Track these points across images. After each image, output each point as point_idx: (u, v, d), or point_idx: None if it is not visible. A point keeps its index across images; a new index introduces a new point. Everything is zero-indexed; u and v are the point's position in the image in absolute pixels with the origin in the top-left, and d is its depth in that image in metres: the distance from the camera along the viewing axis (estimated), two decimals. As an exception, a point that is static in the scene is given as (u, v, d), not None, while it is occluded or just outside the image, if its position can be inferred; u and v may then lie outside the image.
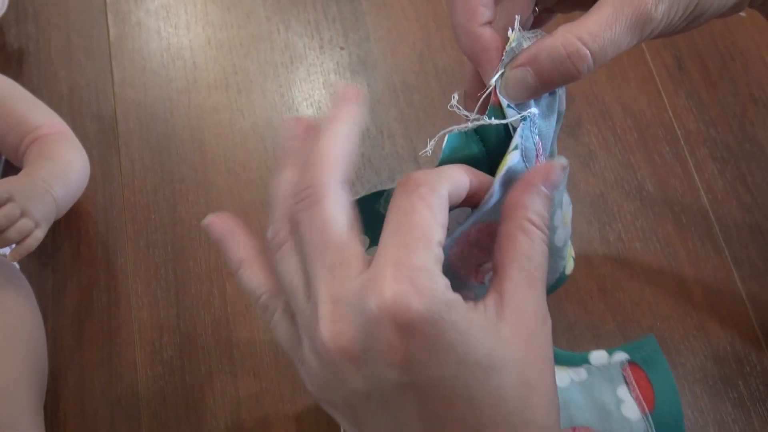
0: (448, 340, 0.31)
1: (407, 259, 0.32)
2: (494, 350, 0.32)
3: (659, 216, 0.67)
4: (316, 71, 0.72)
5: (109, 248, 0.64)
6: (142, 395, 0.59)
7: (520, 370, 0.33)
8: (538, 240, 0.34)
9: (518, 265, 0.34)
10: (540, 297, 0.34)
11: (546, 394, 0.33)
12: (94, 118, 0.69)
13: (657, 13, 0.36)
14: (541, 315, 0.34)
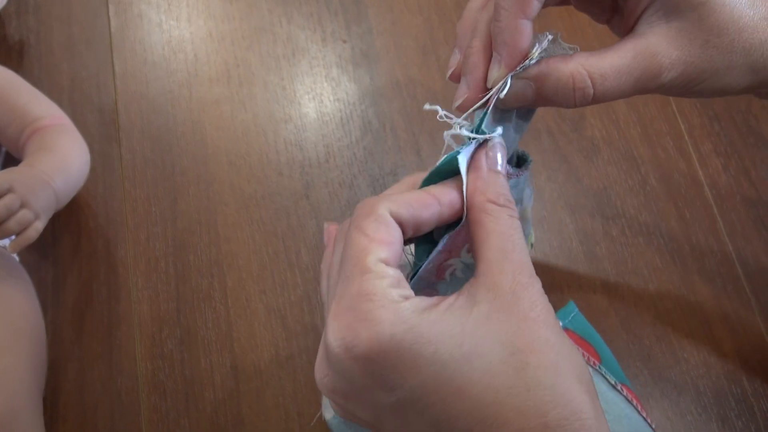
0: (409, 349, 0.32)
1: (347, 290, 0.34)
2: (466, 336, 0.33)
3: (663, 211, 0.66)
4: (318, 64, 0.72)
5: (109, 241, 0.64)
6: (142, 389, 0.59)
7: (505, 342, 0.33)
8: (502, 216, 0.36)
9: (487, 244, 0.35)
10: (518, 264, 0.34)
11: (546, 351, 0.33)
12: (95, 110, 0.69)
13: (664, 79, 0.39)
14: (523, 279, 0.34)
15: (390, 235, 0.35)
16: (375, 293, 0.33)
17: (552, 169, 0.67)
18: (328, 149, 0.68)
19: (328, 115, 0.69)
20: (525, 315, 0.33)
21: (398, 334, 0.32)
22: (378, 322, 0.32)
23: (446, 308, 0.34)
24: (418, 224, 0.37)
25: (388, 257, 0.35)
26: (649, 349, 0.61)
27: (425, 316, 0.33)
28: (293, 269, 0.63)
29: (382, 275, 0.34)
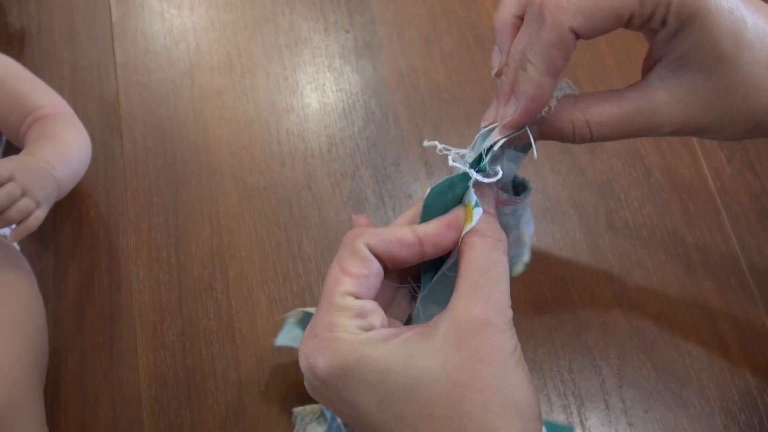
0: (357, 377, 0.36)
1: (317, 317, 0.38)
2: (412, 368, 0.36)
3: (667, 203, 0.66)
4: (320, 54, 0.71)
5: (110, 231, 0.63)
6: (143, 379, 0.59)
7: (449, 376, 0.35)
8: (484, 248, 0.38)
9: (463, 278, 0.38)
10: (485, 299, 0.37)
11: (483, 390, 0.35)
12: (96, 99, 0.68)
13: (662, 132, 0.41)
14: (483, 317, 0.36)
15: (364, 269, 0.39)
16: (335, 325, 0.37)
17: (556, 161, 0.67)
18: (330, 140, 0.67)
19: (330, 105, 0.69)
20: (474, 352, 0.36)
21: (348, 363, 0.36)
22: (332, 351, 0.37)
23: (403, 340, 0.37)
24: (396, 261, 0.40)
25: (357, 290, 0.38)
26: (653, 342, 0.61)
27: (378, 347, 0.36)
28: (295, 260, 0.63)
29: (346, 308, 0.38)
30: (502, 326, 0.37)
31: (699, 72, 0.39)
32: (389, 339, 0.37)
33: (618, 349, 0.60)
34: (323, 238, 0.63)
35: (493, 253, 0.38)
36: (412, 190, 0.66)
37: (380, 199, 0.65)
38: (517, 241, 0.46)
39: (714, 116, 0.40)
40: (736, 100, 0.40)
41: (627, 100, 0.41)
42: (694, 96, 0.40)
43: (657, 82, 0.41)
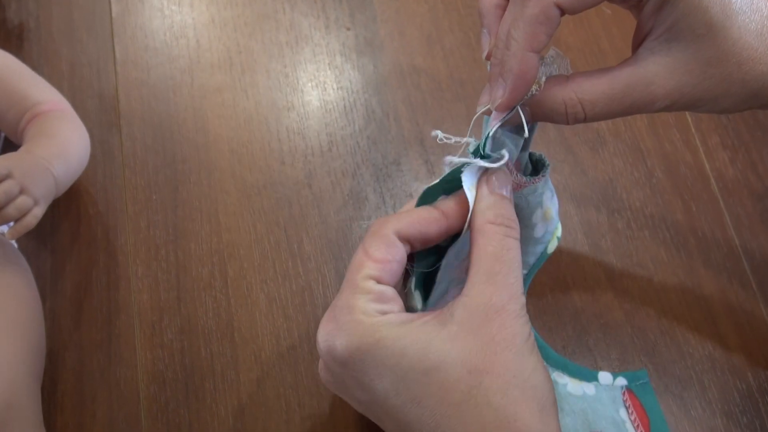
0: (374, 359, 0.37)
1: (337, 301, 0.40)
2: (430, 352, 0.37)
3: (669, 204, 0.66)
4: (321, 52, 0.71)
5: (109, 229, 0.63)
6: (141, 378, 0.58)
7: (465, 361, 0.36)
8: (496, 236, 0.39)
9: (477, 265, 0.39)
10: (500, 286, 0.38)
11: (501, 374, 0.36)
12: (96, 96, 0.68)
13: (657, 107, 0.41)
14: (500, 301, 0.37)
15: (388, 255, 0.40)
16: (355, 307, 0.39)
17: (557, 161, 0.66)
18: (330, 138, 0.67)
19: (331, 103, 0.69)
20: (491, 337, 0.37)
21: (366, 345, 0.37)
22: (351, 333, 0.38)
23: (420, 324, 0.38)
24: (426, 239, 0.41)
25: (380, 275, 0.40)
26: (654, 344, 0.60)
27: (396, 329, 0.37)
28: (295, 259, 0.62)
29: (366, 291, 0.39)
30: (517, 312, 0.38)
31: (689, 42, 0.39)
32: (407, 322, 0.38)
33: (619, 351, 0.60)
34: (323, 237, 0.63)
35: (505, 239, 0.39)
36: (412, 189, 0.65)
37: (381, 198, 0.65)
38: (545, 217, 0.46)
39: (708, 86, 0.40)
40: (729, 69, 0.39)
41: (619, 76, 0.40)
42: (687, 66, 0.40)
43: (648, 55, 0.40)
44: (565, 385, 0.55)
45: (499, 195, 0.41)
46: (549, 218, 0.47)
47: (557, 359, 0.56)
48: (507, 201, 0.41)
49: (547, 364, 0.53)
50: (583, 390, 0.55)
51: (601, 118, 0.41)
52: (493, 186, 0.41)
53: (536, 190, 0.45)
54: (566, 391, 0.55)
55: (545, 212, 0.46)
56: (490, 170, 0.41)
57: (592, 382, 0.56)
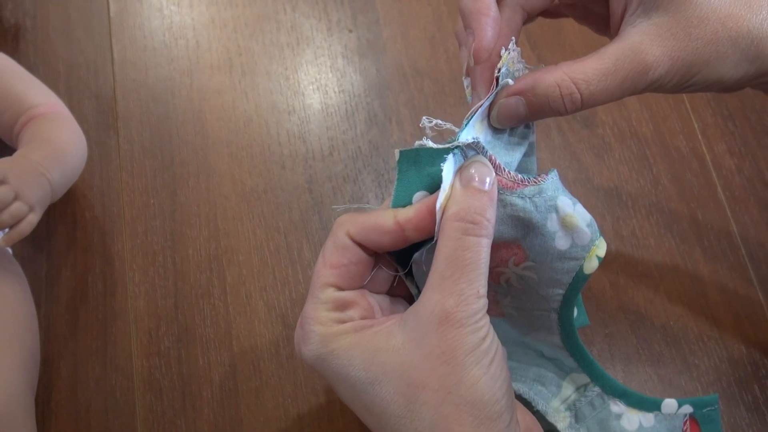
0: (329, 367, 0.39)
1: (304, 309, 0.41)
2: (375, 363, 0.37)
3: (675, 212, 0.64)
4: (323, 54, 0.70)
5: (105, 234, 0.62)
6: (137, 387, 0.57)
7: (405, 374, 0.37)
8: (453, 235, 0.37)
9: (433, 268, 0.38)
10: (449, 292, 0.37)
11: (436, 389, 0.36)
12: (93, 97, 0.67)
13: (653, 76, 0.39)
14: (442, 312, 0.36)
15: (343, 258, 0.41)
16: (314, 318, 0.40)
17: (562, 168, 0.65)
18: (332, 142, 0.66)
19: (332, 106, 0.67)
20: (431, 350, 0.36)
21: (323, 354, 0.39)
22: (312, 342, 0.39)
23: (371, 334, 0.39)
24: (379, 247, 0.41)
25: (337, 281, 0.41)
26: (659, 355, 0.59)
27: (347, 340, 0.39)
28: (295, 266, 0.61)
29: (324, 300, 0.40)
30: (462, 320, 0.36)
31: (666, 6, 0.39)
32: (360, 331, 0.39)
33: (624, 362, 0.59)
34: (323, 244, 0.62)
35: (463, 238, 0.37)
36: None
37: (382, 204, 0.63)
38: (564, 225, 0.42)
39: (696, 48, 0.39)
40: (714, 26, 0.39)
41: (607, 52, 0.40)
42: (670, 30, 0.39)
43: (631, 29, 0.40)
44: (619, 416, 0.53)
45: (471, 188, 0.38)
46: (572, 227, 0.42)
47: (616, 387, 0.52)
48: (480, 194, 0.38)
49: (604, 393, 0.52)
50: (640, 422, 0.53)
51: (599, 100, 0.40)
52: (468, 178, 0.38)
53: (542, 192, 0.41)
54: (619, 425, 0.52)
55: (563, 219, 0.42)
56: (466, 161, 0.39)
57: (653, 411, 0.53)
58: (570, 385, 0.52)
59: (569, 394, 0.52)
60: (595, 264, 0.44)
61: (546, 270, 0.44)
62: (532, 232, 0.42)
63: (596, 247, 0.43)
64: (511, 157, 0.44)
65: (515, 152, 0.44)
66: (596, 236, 0.43)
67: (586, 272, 0.44)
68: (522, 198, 0.41)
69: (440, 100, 0.68)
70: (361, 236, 0.40)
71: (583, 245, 0.43)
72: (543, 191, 0.41)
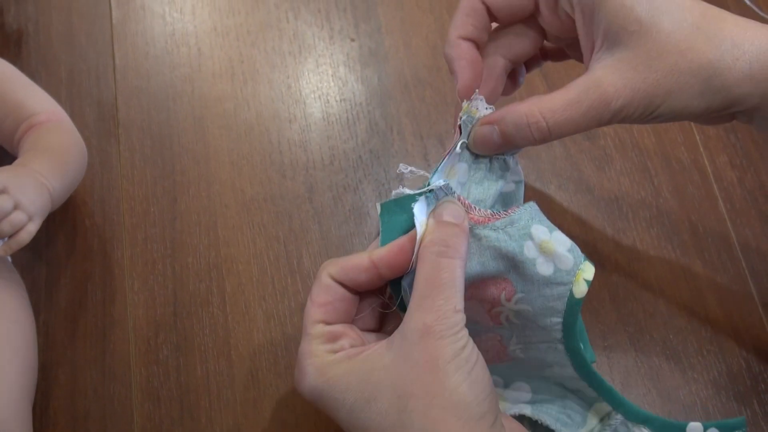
0: (326, 396, 0.42)
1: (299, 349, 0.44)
2: (368, 385, 0.41)
3: (675, 224, 0.64)
4: (325, 62, 0.70)
5: (105, 241, 0.62)
6: (135, 395, 0.57)
7: (396, 387, 0.40)
8: (429, 258, 0.42)
9: (413, 291, 0.42)
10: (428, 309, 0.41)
11: (422, 396, 0.39)
12: (94, 104, 0.67)
13: (615, 107, 0.43)
14: (423, 327, 0.40)
15: (328, 296, 0.45)
16: (308, 352, 0.44)
17: (563, 178, 0.65)
18: (333, 151, 0.66)
19: (334, 115, 0.67)
20: (415, 362, 0.40)
21: (318, 385, 0.42)
22: (308, 376, 0.43)
23: (363, 358, 0.42)
24: (359, 285, 0.45)
25: (325, 317, 0.45)
26: (658, 368, 0.59)
27: (341, 367, 0.42)
28: (294, 275, 0.61)
29: (316, 336, 0.44)
30: (441, 332, 0.40)
31: (626, 40, 0.42)
32: (354, 357, 0.42)
33: (622, 375, 0.59)
34: (323, 254, 0.62)
35: (438, 260, 0.42)
36: None
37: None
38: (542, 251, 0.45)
39: (656, 79, 0.42)
40: (674, 58, 0.42)
41: (574, 85, 0.44)
42: (631, 63, 0.43)
43: (596, 64, 0.44)
44: None
45: (443, 222, 0.43)
46: (550, 253, 0.44)
47: (638, 413, 0.52)
48: (451, 225, 0.43)
49: (627, 420, 0.51)
50: None
51: (564, 130, 0.44)
52: (439, 214, 0.44)
53: (514, 223, 0.45)
54: None
55: (540, 245, 0.44)
56: (438, 203, 0.45)
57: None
58: (594, 416, 0.52)
59: (594, 424, 0.52)
60: (584, 288, 0.45)
61: (537, 299, 0.46)
62: (513, 262, 0.45)
63: (581, 271, 0.45)
64: (484, 194, 0.48)
65: (491, 189, 0.48)
66: (580, 260, 0.45)
67: (577, 296, 0.45)
68: (494, 230, 0.45)
69: (442, 109, 0.68)
70: (341, 276, 0.45)
71: (567, 270, 0.45)
72: (515, 222, 0.45)
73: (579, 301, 0.45)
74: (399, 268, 0.44)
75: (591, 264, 0.45)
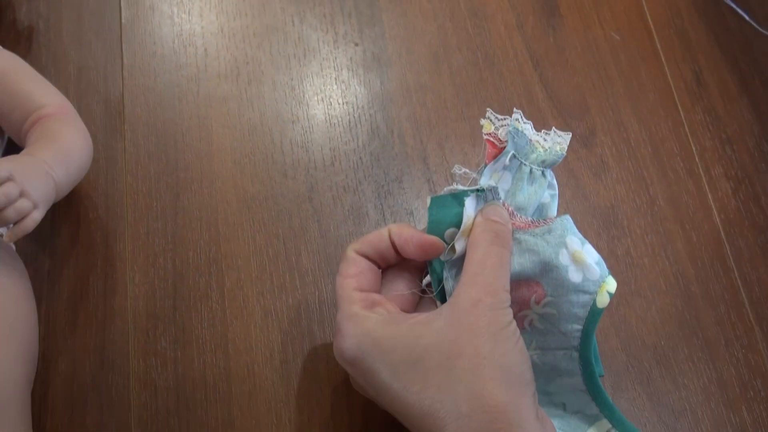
0: (370, 355, 0.45)
1: (337, 316, 0.48)
2: (417, 347, 0.44)
3: (670, 232, 0.65)
4: (329, 66, 0.71)
5: (108, 234, 0.63)
6: (133, 386, 0.58)
7: (445, 349, 0.43)
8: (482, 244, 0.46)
9: (465, 271, 0.46)
10: (480, 285, 0.45)
11: (472, 357, 0.42)
12: (101, 100, 0.68)
13: None
14: (478, 297, 0.44)
15: (357, 268, 0.50)
16: (352, 315, 0.47)
17: (559, 185, 0.66)
18: (334, 152, 0.67)
19: (336, 117, 0.69)
20: (466, 327, 0.43)
21: (363, 344, 0.45)
22: (351, 336, 0.46)
23: (412, 323, 0.45)
24: (380, 253, 0.50)
25: (359, 285, 0.49)
26: (649, 373, 0.60)
27: (387, 329, 0.45)
28: (292, 272, 0.62)
29: (356, 300, 0.48)
30: (493, 304, 0.44)
31: None
32: (400, 322, 0.46)
33: (613, 379, 0.60)
34: (322, 252, 0.63)
35: (490, 247, 0.46)
36: (413, 207, 0.65)
37: (381, 215, 0.65)
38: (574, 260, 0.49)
39: None
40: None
41: None
42: None
43: None
44: None
45: (491, 219, 0.48)
46: (581, 263, 0.49)
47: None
48: (498, 224, 0.47)
49: None
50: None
51: None
52: (487, 214, 0.48)
53: (551, 231, 0.49)
54: None
55: (573, 255, 0.49)
56: (486, 204, 0.49)
57: None
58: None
59: None
60: (606, 299, 0.49)
61: (564, 303, 0.49)
62: (547, 267, 0.48)
63: (606, 284, 0.49)
64: (526, 202, 0.51)
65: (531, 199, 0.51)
66: (605, 273, 0.50)
67: (599, 306, 0.49)
68: (534, 236, 0.49)
69: (442, 114, 0.69)
70: (366, 248, 0.50)
71: (593, 280, 0.49)
72: (552, 231, 0.49)
73: (600, 311, 0.49)
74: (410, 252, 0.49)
75: (614, 279, 0.50)
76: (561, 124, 0.69)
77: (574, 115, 0.70)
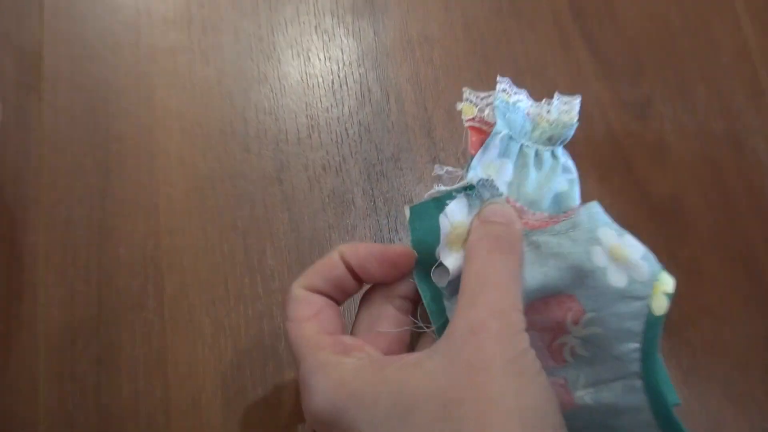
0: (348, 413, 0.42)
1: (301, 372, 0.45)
2: (404, 396, 0.41)
3: (748, 232, 0.64)
4: (307, 11, 0.69)
5: (15, 222, 0.61)
6: (42, 419, 0.56)
7: (440, 395, 0.40)
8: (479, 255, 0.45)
9: (461, 290, 0.44)
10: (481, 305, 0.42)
11: (475, 401, 0.39)
12: (13, 50, 0.66)
13: None
14: (476, 324, 0.41)
15: (312, 308, 0.48)
16: (318, 365, 0.45)
17: (604, 169, 0.65)
18: (311, 121, 0.65)
19: (315, 77, 0.67)
20: (466, 362, 0.40)
21: (338, 399, 0.43)
22: (321, 391, 0.43)
23: (398, 366, 0.43)
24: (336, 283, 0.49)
25: (321, 327, 0.47)
26: (716, 413, 0.58)
27: (367, 376, 0.43)
28: (254, 275, 0.60)
29: (323, 345, 0.46)
30: (501, 329, 0.41)
31: None
32: (384, 367, 0.43)
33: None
34: (293, 249, 0.61)
35: (489, 255, 0.44)
36: (414, 193, 0.64)
37: (371, 203, 0.63)
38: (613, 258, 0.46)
39: None
40: None
41: None
42: None
43: None
44: None
45: (490, 221, 0.46)
46: (623, 260, 0.45)
47: None
48: (498, 226, 0.46)
49: None
50: None
51: None
52: (485, 215, 0.46)
53: (577, 226, 0.46)
54: None
55: (611, 251, 0.45)
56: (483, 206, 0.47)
57: None
58: None
59: None
60: (663, 303, 0.46)
61: (610, 318, 0.46)
62: (580, 273, 0.45)
63: (659, 283, 0.46)
64: (537, 194, 0.49)
65: (543, 188, 0.50)
66: (657, 269, 0.46)
67: (657, 313, 0.46)
68: (555, 235, 0.46)
69: (454, 74, 0.68)
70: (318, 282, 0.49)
71: (643, 281, 0.46)
72: (577, 224, 0.46)
73: (659, 319, 0.46)
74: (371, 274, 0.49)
75: (668, 275, 0.46)
76: (607, 91, 0.68)
77: (624, 78, 0.69)
